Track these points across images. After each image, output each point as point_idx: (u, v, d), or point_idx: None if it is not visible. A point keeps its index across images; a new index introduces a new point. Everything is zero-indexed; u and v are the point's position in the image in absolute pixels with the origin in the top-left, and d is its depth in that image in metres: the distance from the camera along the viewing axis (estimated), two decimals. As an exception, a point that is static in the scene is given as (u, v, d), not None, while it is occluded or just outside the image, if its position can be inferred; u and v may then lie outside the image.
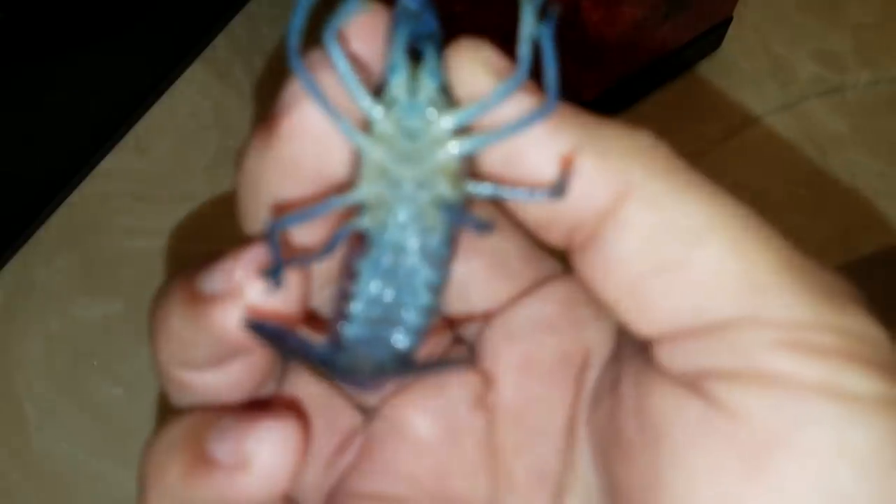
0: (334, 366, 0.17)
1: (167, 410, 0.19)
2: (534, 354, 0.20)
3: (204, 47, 0.52)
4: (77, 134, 0.47)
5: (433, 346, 0.21)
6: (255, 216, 0.18)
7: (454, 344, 0.22)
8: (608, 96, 0.48)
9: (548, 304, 0.20)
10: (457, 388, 0.20)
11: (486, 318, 0.21)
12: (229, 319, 0.16)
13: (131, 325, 0.43)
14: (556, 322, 0.20)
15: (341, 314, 0.17)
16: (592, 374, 0.20)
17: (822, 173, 0.50)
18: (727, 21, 0.53)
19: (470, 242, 0.20)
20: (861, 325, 0.16)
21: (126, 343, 0.42)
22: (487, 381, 0.20)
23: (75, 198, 0.46)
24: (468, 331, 0.21)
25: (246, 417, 0.17)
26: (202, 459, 0.17)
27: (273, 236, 0.16)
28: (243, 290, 0.16)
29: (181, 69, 0.51)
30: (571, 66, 0.46)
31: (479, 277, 0.20)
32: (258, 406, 0.19)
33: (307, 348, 0.17)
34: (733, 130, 0.52)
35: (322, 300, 0.19)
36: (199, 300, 0.17)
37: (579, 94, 0.47)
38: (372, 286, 0.17)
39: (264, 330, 0.16)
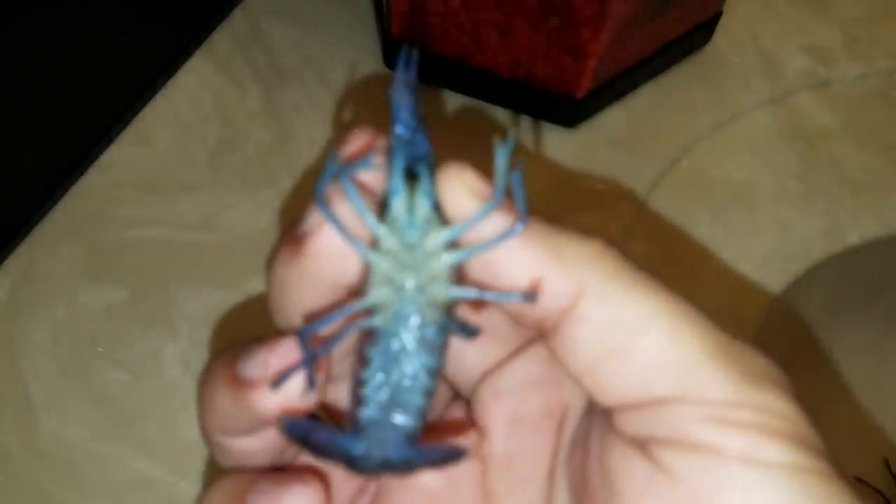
0: (354, 457, 0.21)
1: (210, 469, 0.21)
2: (521, 409, 0.24)
3: (204, 39, 0.53)
4: (79, 125, 0.48)
5: (436, 404, 0.25)
6: (283, 313, 0.22)
7: (453, 400, 0.25)
8: (598, 91, 0.49)
9: (532, 364, 0.24)
10: (459, 439, 0.24)
11: (481, 378, 0.24)
12: (263, 401, 0.20)
13: (135, 311, 0.44)
14: (540, 380, 0.24)
15: (357, 400, 0.21)
16: (569, 427, 0.24)
17: (810, 166, 0.51)
18: (717, 16, 0.54)
19: (468, 315, 0.23)
20: (776, 403, 0.19)
21: (130, 329, 0.43)
22: (481, 434, 0.24)
23: (79, 188, 0.47)
24: (465, 389, 0.25)
25: (279, 480, 0.21)
26: None
27: (305, 342, 0.20)
28: (285, 390, 0.20)
29: (182, 61, 0.52)
30: (563, 61, 0.47)
31: (474, 343, 0.23)
32: (289, 470, 0.23)
33: (332, 438, 0.21)
34: (722, 124, 0.53)
35: (334, 396, 0.24)
36: (240, 384, 0.21)
37: (571, 91, 0.48)
38: (380, 373, 0.21)
39: (295, 429, 0.21)
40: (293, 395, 0.20)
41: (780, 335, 0.48)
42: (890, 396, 0.54)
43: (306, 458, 0.23)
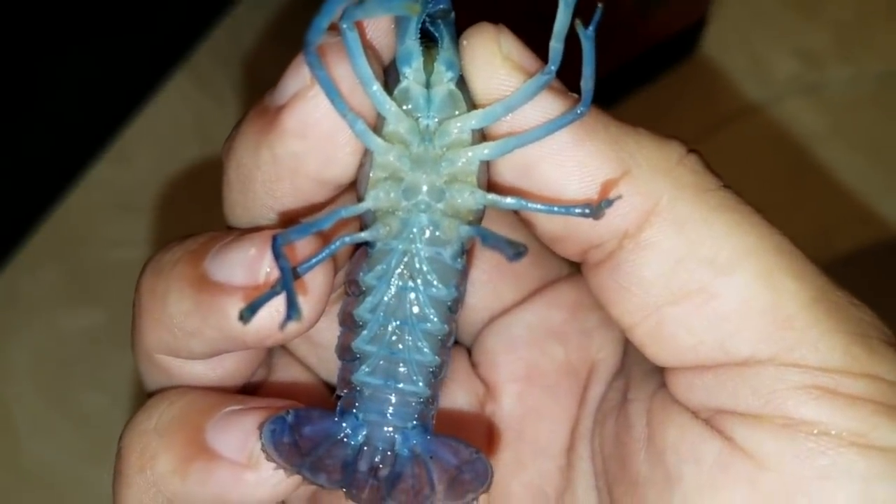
0: (351, 464, 0.16)
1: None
2: (537, 364, 0.19)
3: (185, 56, 0.53)
4: (60, 146, 0.48)
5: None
6: (245, 212, 0.16)
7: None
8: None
9: (553, 309, 0.19)
10: (457, 392, 0.19)
11: (488, 321, 0.20)
12: (247, 317, 0.14)
13: (115, 335, 0.44)
14: (562, 330, 0.19)
15: (349, 353, 0.16)
16: (598, 389, 0.19)
17: (800, 172, 0.51)
18: (703, 20, 0.53)
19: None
20: (895, 372, 0.15)
21: (110, 352, 0.43)
22: (488, 392, 0.19)
23: (60, 210, 0.47)
24: (466, 334, 0.20)
25: (248, 410, 0.16)
26: (202, 451, 0.16)
27: (280, 254, 0.14)
28: (257, 322, 0.15)
29: (163, 78, 0.52)
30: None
31: (480, 278, 0.19)
32: (258, 395, 0.17)
33: (324, 430, 0.16)
34: (710, 130, 0.52)
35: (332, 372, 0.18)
36: (211, 288, 0.15)
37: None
38: (379, 311, 0.16)
39: (279, 433, 0.15)
40: (269, 327, 0.15)
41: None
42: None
43: (276, 374, 0.18)
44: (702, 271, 0.15)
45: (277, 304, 0.14)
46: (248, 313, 0.14)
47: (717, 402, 0.15)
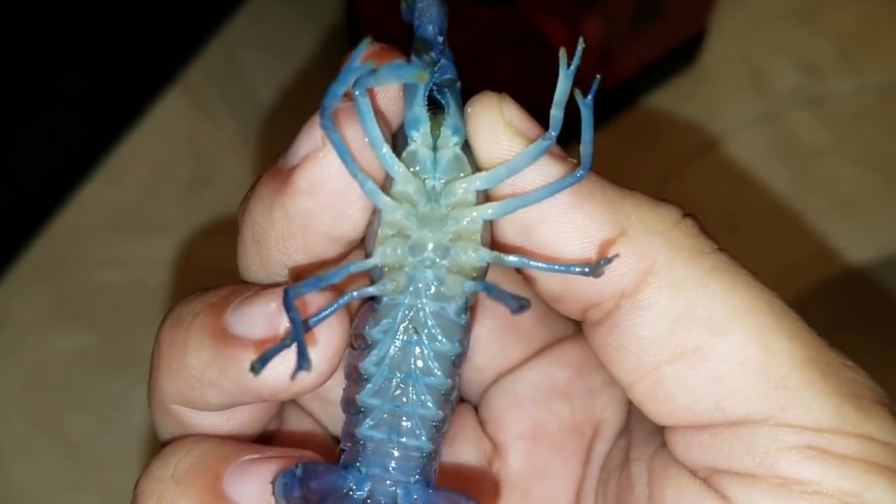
0: None
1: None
2: (543, 423, 0.19)
3: (178, 73, 0.52)
4: (51, 165, 0.47)
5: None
6: (262, 269, 0.17)
7: (457, 404, 0.21)
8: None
9: (559, 368, 0.20)
10: (465, 449, 0.20)
11: (495, 380, 0.20)
12: (266, 371, 0.15)
13: (105, 357, 0.43)
14: (568, 389, 0.20)
15: (354, 407, 0.17)
16: (602, 448, 0.19)
17: (801, 187, 0.50)
18: (703, 32, 0.52)
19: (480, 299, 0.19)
20: (887, 432, 0.15)
21: (100, 375, 0.43)
22: (495, 450, 0.20)
23: (50, 230, 0.47)
24: (473, 392, 0.20)
25: (267, 458, 0.16)
26: (219, 499, 0.16)
27: (291, 307, 0.15)
28: (268, 374, 0.15)
29: (156, 96, 0.51)
30: (535, 88, 0.46)
31: (487, 337, 0.19)
32: (274, 443, 0.18)
33: (331, 483, 0.16)
34: (709, 145, 0.51)
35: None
36: (230, 341, 0.16)
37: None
38: (385, 365, 0.16)
39: (290, 486, 0.16)
40: (281, 378, 0.15)
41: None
42: None
43: (287, 426, 0.19)
44: (697, 331, 0.15)
45: (289, 356, 0.15)
46: (259, 365, 0.15)
47: (713, 461, 0.16)
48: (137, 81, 0.51)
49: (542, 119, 0.16)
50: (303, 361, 0.15)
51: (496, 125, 0.16)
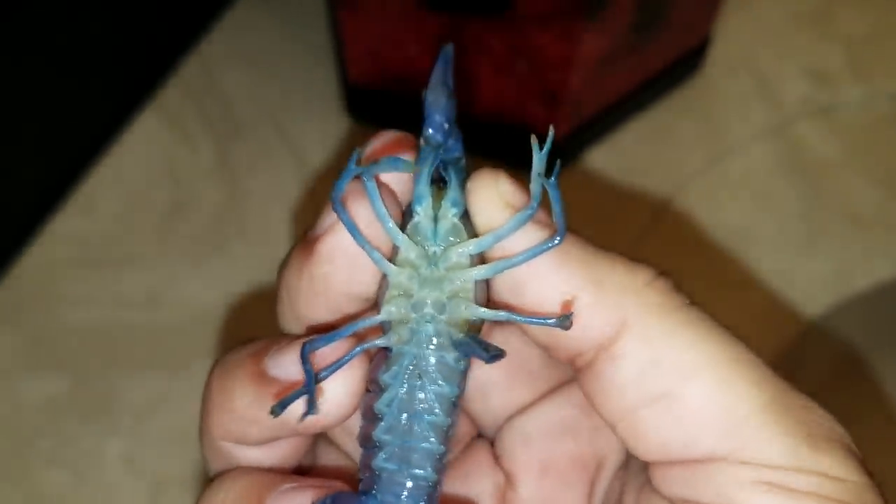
0: None
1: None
2: (551, 458, 0.22)
3: (154, 92, 0.49)
4: (16, 196, 0.44)
5: (456, 445, 0.23)
6: (296, 322, 0.20)
7: (475, 440, 0.23)
8: (578, 133, 0.45)
9: (565, 407, 0.22)
10: (481, 481, 0.22)
11: (507, 418, 0.22)
12: (296, 409, 0.18)
13: (79, 405, 0.41)
14: (574, 426, 0.22)
15: (370, 442, 0.19)
16: (605, 481, 0.21)
17: (813, 204, 0.47)
18: (707, 40, 0.50)
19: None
20: (840, 468, 0.17)
21: (74, 425, 0.40)
22: (508, 482, 0.22)
23: (18, 268, 0.44)
24: (489, 429, 0.23)
25: (306, 485, 0.19)
26: None
27: (305, 358, 0.18)
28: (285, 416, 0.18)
29: (130, 117, 0.48)
30: (535, 106, 0.43)
31: (500, 379, 0.22)
32: (313, 474, 0.21)
33: None
34: (716, 159, 0.49)
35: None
36: (269, 383, 0.19)
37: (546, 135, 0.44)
38: (395, 406, 0.19)
39: None
40: (291, 419, 0.18)
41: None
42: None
43: (325, 459, 0.22)
44: (668, 378, 0.18)
45: (302, 401, 0.18)
46: (278, 409, 0.18)
47: (685, 493, 0.18)
48: (109, 103, 0.48)
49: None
50: (311, 408, 0.18)
51: (491, 199, 0.18)
